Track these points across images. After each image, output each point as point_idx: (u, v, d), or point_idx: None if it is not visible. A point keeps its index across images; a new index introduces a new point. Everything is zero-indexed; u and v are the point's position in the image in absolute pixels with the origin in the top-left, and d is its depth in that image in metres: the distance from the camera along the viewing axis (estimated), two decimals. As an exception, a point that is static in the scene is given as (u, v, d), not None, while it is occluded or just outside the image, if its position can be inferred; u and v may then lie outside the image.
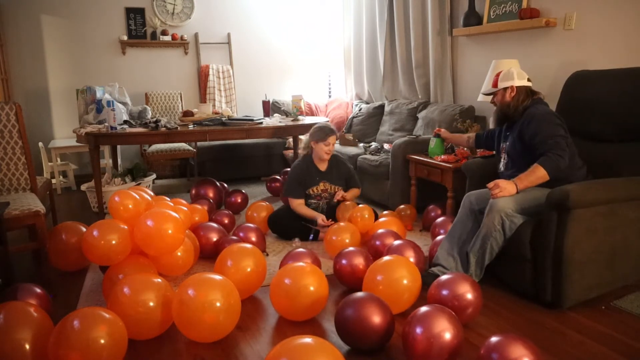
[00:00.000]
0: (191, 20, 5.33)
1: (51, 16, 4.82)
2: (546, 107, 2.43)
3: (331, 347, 1.42)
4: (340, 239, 2.75)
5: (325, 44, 5.88)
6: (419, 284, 2.13)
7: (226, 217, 3.28)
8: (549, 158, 2.21)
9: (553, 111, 2.45)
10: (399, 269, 2.10)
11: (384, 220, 3.04)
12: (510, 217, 2.19)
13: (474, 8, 3.74)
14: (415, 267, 2.16)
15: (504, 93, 2.48)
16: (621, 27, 2.84)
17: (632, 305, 2.18)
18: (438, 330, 1.65)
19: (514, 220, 2.20)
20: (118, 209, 2.42)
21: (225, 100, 5.50)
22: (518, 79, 2.46)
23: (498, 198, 2.21)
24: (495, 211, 2.19)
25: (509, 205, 2.19)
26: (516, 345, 1.53)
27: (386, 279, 2.07)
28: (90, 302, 2.31)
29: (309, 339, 1.42)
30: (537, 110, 2.38)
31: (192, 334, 1.91)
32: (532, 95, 2.46)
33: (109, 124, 3.58)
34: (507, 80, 2.47)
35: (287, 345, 1.40)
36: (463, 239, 2.38)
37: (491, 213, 2.21)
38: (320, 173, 3.25)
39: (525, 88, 2.47)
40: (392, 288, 2.05)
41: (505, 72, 2.50)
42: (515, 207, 2.20)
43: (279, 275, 2.10)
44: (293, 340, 1.42)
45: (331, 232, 2.80)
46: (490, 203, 2.24)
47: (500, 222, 2.19)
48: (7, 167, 2.79)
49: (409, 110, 4.36)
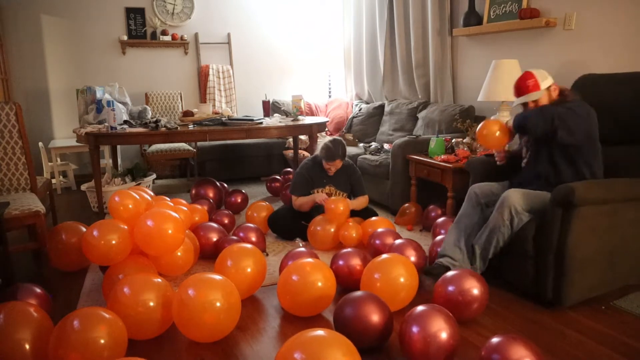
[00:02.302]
0: (191, 20, 5.33)
1: (51, 16, 4.82)
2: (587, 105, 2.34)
3: (345, 340, 1.42)
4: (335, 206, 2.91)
5: (325, 44, 5.88)
6: (416, 282, 2.15)
7: (226, 217, 3.28)
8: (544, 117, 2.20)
9: (591, 109, 2.33)
10: (396, 267, 2.11)
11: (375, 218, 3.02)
12: (519, 215, 2.19)
13: (474, 8, 3.74)
14: (412, 265, 2.18)
15: (549, 93, 2.36)
16: (621, 27, 2.84)
17: (632, 305, 2.18)
18: (434, 329, 1.66)
19: (522, 217, 2.21)
20: (118, 209, 2.42)
21: (225, 100, 5.50)
22: (549, 75, 2.38)
23: (510, 193, 2.21)
24: (506, 206, 2.19)
25: (520, 202, 2.19)
26: (517, 346, 1.53)
27: (384, 276, 2.09)
28: (90, 302, 2.31)
29: (322, 332, 1.42)
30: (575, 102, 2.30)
31: (192, 334, 1.91)
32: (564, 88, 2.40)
33: (109, 124, 3.58)
34: (546, 79, 2.35)
35: (299, 339, 1.40)
36: (468, 231, 2.38)
37: (502, 207, 2.21)
38: (328, 176, 3.23)
39: (555, 84, 2.39)
40: (390, 286, 2.07)
41: (539, 73, 2.36)
42: (525, 204, 2.20)
43: (287, 271, 2.12)
44: (305, 334, 1.41)
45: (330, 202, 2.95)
46: (502, 198, 2.24)
47: (509, 218, 2.20)
48: (7, 167, 2.79)
49: (409, 110, 4.36)
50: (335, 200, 2.95)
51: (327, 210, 2.94)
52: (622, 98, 2.53)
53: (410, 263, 2.19)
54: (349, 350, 1.40)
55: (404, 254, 2.37)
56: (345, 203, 2.96)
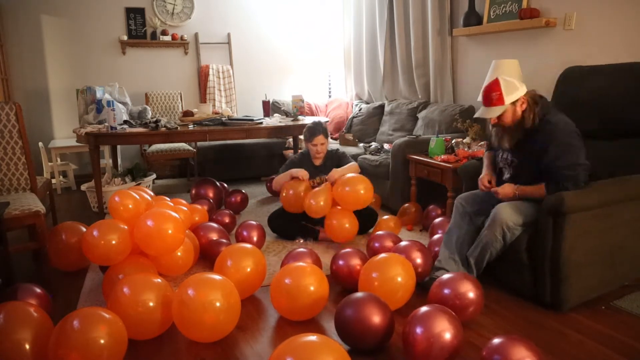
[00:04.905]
0: (191, 20, 5.33)
1: (51, 16, 4.82)
2: (564, 117, 2.19)
3: (336, 345, 1.42)
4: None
5: (325, 44, 5.88)
6: (413, 280, 2.15)
7: (227, 217, 3.28)
8: (558, 188, 2.07)
9: (572, 123, 2.17)
10: (394, 266, 2.11)
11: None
12: (512, 230, 2.18)
13: (474, 8, 3.74)
14: (409, 264, 2.18)
15: (514, 108, 2.17)
16: (621, 27, 2.84)
17: (632, 305, 2.18)
18: (438, 330, 1.66)
19: (515, 232, 2.19)
20: (118, 209, 2.42)
21: (225, 100, 5.50)
22: (520, 86, 2.18)
23: (502, 210, 2.18)
24: (498, 224, 2.18)
25: (512, 218, 2.17)
26: (518, 347, 1.53)
27: (381, 276, 2.08)
28: (90, 302, 2.31)
29: (314, 337, 1.42)
30: (558, 126, 2.13)
31: (192, 334, 1.91)
32: (537, 97, 2.22)
33: (109, 124, 3.58)
34: (514, 93, 2.14)
35: (291, 344, 1.40)
36: (460, 241, 2.38)
37: (494, 225, 2.19)
38: (316, 168, 3.27)
39: (530, 92, 2.20)
40: (387, 285, 2.07)
41: (508, 84, 2.15)
42: (518, 220, 2.17)
43: (280, 275, 2.11)
44: (297, 339, 1.41)
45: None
46: (493, 214, 2.21)
47: (501, 234, 2.18)
48: (7, 167, 2.79)
49: (409, 110, 4.36)
50: (314, 194, 2.94)
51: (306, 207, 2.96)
52: (608, 90, 2.51)
53: (407, 262, 2.18)
54: (341, 355, 1.39)
55: (410, 257, 2.36)
56: (326, 194, 2.93)
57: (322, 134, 3.20)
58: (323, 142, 3.21)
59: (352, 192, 2.88)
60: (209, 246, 2.68)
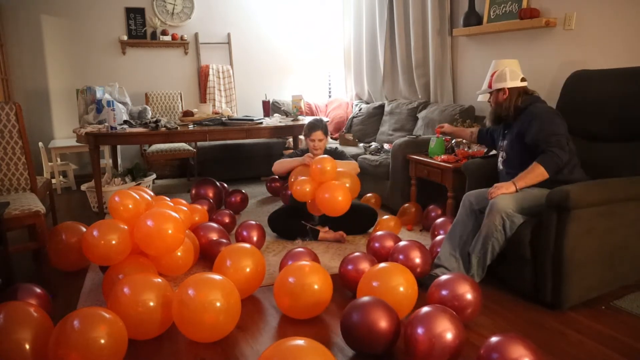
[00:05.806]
0: (191, 20, 5.33)
1: (51, 16, 4.82)
2: (545, 104, 2.44)
3: (323, 349, 1.41)
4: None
5: (325, 44, 5.88)
6: (415, 292, 2.06)
7: (227, 217, 3.28)
8: (548, 156, 2.23)
9: (553, 108, 2.46)
10: (394, 276, 2.02)
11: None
12: (510, 217, 2.19)
13: (474, 8, 3.74)
14: (411, 274, 2.09)
15: (497, 94, 2.50)
16: (621, 27, 2.83)
17: (632, 305, 2.18)
18: (440, 330, 1.65)
19: (514, 220, 2.20)
20: (118, 209, 2.42)
21: (225, 100, 5.50)
22: (511, 80, 2.45)
23: (498, 198, 2.21)
24: (496, 211, 2.19)
25: (509, 205, 2.19)
26: (516, 345, 1.53)
27: (382, 285, 2.00)
28: (90, 302, 2.31)
29: (301, 341, 1.41)
30: (537, 108, 2.39)
31: (192, 334, 1.91)
32: (528, 94, 2.46)
33: (109, 124, 3.58)
34: (500, 82, 2.48)
35: (279, 347, 1.40)
36: (464, 239, 2.38)
37: (491, 214, 2.21)
38: None
39: (518, 89, 2.46)
40: (389, 295, 1.96)
41: (499, 74, 2.50)
42: (515, 206, 2.20)
43: (283, 274, 2.11)
44: (285, 342, 1.41)
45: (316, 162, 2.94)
46: (490, 203, 2.24)
47: (501, 223, 2.19)
48: (7, 167, 2.79)
49: (409, 110, 4.36)
50: (321, 160, 2.92)
51: (312, 171, 2.93)
52: (616, 94, 2.52)
53: (408, 272, 2.08)
54: (327, 358, 1.39)
55: (409, 256, 2.34)
56: (332, 162, 2.92)
57: (321, 130, 3.21)
58: (321, 139, 3.21)
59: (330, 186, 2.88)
60: (209, 246, 2.68)
